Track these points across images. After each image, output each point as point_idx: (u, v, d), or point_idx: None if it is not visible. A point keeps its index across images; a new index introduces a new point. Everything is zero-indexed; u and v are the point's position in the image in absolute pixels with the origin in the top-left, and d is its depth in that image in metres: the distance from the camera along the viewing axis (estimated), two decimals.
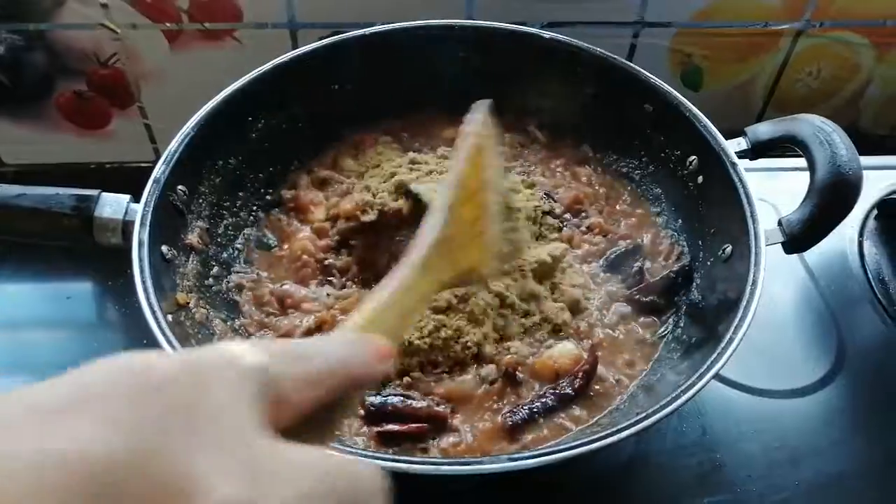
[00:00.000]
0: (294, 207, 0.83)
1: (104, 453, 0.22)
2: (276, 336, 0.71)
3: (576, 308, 0.73)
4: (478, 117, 0.57)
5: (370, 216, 0.75)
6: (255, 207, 0.82)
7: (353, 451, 0.54)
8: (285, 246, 0.79)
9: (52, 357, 0.82)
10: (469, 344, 0.67)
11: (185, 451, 0.23)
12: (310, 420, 0.29)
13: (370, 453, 0.54)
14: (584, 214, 0.82)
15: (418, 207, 0.73)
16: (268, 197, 0.83)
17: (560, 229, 0.80)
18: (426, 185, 0.75)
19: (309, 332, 0.71)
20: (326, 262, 0.77)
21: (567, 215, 0.82)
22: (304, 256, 0.77)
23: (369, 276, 0.76)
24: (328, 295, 0.74)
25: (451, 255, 0.50)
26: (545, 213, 0.79)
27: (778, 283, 0.86)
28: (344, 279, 0.76)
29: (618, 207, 0.84)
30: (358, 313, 0.39)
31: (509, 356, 0.68)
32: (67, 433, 0.22)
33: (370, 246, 0.77)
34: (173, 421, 0.23)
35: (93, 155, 1.02)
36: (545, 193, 0.81)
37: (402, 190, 0.75)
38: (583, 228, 0.81)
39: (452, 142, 0.88)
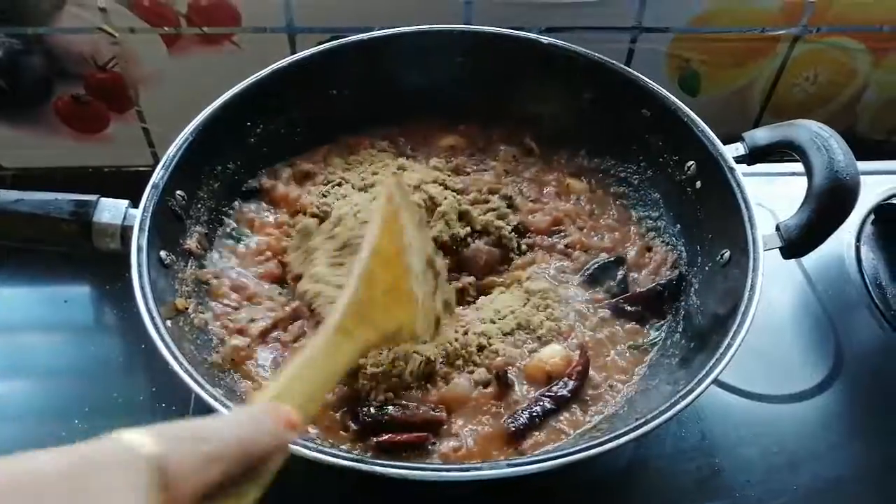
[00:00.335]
0: (270, 200, 0.82)
1: None
2: (233, 332, 0.70)
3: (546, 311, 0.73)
4: (390, 187, 0.60)
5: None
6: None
7: (353, 457, 0.53)
8: (256, 239, 0.78)
9: (49, 360, 0.82)
10: (420, 361, 0.66)
11: None
12: (228, 485, 0.33)
13: (369, 460, 0.53)
14: (563, 233, 0.81)
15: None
16: (245, 186, 0.82)
17: (526, 252, 0.80)
18: (343, 203, 0.74)
19: (266, 332, 0.70)
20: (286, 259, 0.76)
21: (541, 237, 0.81)
22: (268, 252, 0.77)
23: None
24: (279, 294, 0.74)
25: (372, 319, 0.52)
26: (517, 231, 0.80)
27: (776, 287, 0.86)
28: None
29: (602, 222, 0.83)
30: (271, 384, 0.42)
31: (499, 359, 0.68)
32: None
33: None
34: None
35: (91, 159, 1.02)
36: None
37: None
38: (560, 247, 0.80)
39: (450, 150, 0.89)
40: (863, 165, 0.69)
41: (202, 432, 0.34)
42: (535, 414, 0.64)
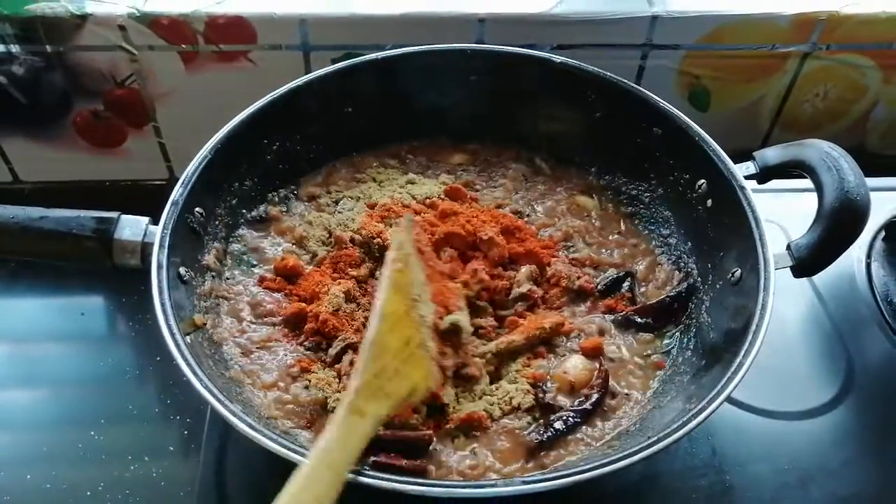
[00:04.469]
0: (278, 230, 0.82)
1: None
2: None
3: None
4: (396, 242, 0.58)
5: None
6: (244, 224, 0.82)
7: (373, 473, 0.54)
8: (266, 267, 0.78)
9: (65, 372, 0.84)
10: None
11: None
12: None
13: (384, 476, 0.54)
14: (572, 248, 0.82)
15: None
16: (253, 213, 0.82)
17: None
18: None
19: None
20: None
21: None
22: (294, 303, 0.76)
23: None
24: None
25: (384, 390, 0.51)
26: None
27: (786, 304, 0.86)
28: None
29: (611, 238, 0.84)
30: (288, 487, 0.44)
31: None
32: None
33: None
34: None
35: (108, 173, 1.04)
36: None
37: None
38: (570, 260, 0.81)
39: (458, 167, 0.89)
40: (873, 182, 0.69)
41: None
42: (558, 429, 0.65)
